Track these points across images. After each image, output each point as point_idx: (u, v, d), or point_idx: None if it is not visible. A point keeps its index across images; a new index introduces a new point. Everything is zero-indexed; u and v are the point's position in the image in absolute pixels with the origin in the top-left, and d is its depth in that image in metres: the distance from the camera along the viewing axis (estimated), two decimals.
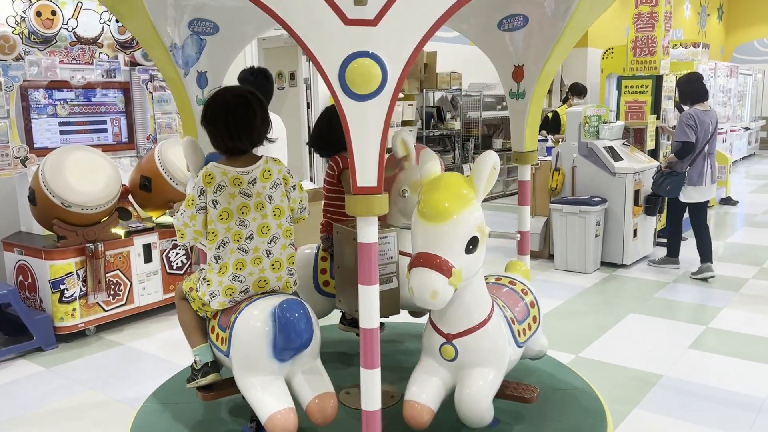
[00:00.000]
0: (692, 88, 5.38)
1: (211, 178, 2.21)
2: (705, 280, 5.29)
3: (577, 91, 7.92)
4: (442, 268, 1.89)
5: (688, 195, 5.34)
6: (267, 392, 2.09)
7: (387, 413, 1.98)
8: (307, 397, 2.14)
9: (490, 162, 1.98)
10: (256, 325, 2.11)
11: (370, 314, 1.74)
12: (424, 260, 1.90)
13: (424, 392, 2.11)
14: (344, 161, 2.72)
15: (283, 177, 2.31)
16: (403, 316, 2.65)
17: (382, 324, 2.79)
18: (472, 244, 1.96)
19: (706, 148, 5.31)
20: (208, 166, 2.26)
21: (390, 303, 2.40)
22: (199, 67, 2.79)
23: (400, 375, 2.55)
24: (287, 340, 2.06)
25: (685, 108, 5.52)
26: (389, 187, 2.63)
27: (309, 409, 2.13)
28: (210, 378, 2.28)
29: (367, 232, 1.71)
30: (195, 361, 2.33)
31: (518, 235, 2.26)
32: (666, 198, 5.67)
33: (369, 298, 1.74)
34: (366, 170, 1.67)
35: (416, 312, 2.82)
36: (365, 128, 1.63)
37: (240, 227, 2.22)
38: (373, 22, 1.55)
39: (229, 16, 2.78)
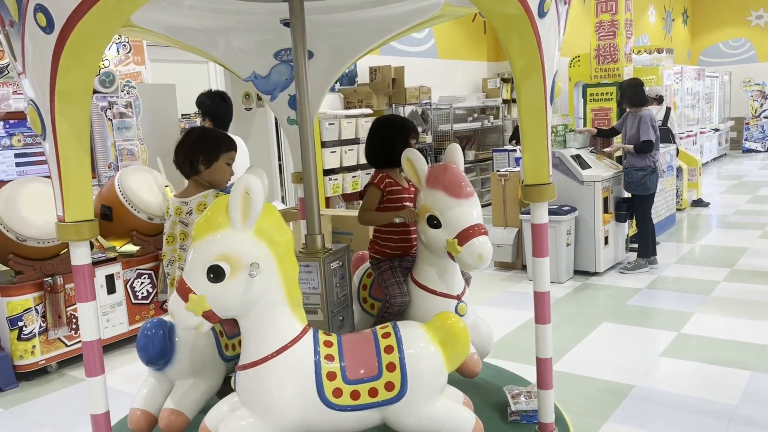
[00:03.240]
0: (635, 92, 5.70)
1: (168, 207, 2.63)
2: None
3: None
4: (180, 291, 1.83)
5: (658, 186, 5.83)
6: (141, 389, 2.44)
7: None
8: (164, 406, 2.37)
9: (239, 188, 1.80)
10: None
11: (91, 328, 1.95)
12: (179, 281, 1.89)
13: (211, 416, 2.00)
14: (376, 177, 2.72)
15: None
16: None
17: None
18: (214, 274, 1.80)
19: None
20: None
21: None
22: (291, 90, 3.07)
23: None
24: (138, 352, 2.35)
25: (630, 110, 5.77)
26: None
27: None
28: None
29: (78, 254, 1.94)
30: None
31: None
32: (631, 200, 5.87)
33: (88, 314, 1.96)
34: (55, 200, 1.90)
35: None
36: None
37: (181, 251, 2.57)
38: None
39: (322, 43, 3.02)
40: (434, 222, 2.40)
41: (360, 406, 1.96)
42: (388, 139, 2.74)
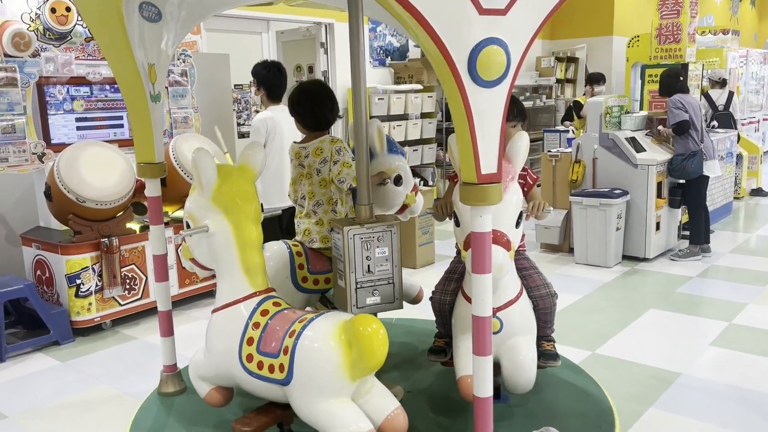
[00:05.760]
0: (668, 83, 5.63)
1: (290, 151, 2.84)
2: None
3: (594, 79, 7.73)
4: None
5: (708, 168, 5.58)
6: None
7: None
8: None
9: (192, 161, 2.19)
10: None
11: (159, 244, 2.70)
12: None
13: None
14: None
15: (331, 153, 2.67)
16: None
17: None
18: (186, 228, 2.28)
19: (703, 126, 5.63)
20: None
21: (340, 299, 2.43)
22: None
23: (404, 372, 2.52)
24: None
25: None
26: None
27: None
28: None
29: (150, 188, 2.57)
30: None
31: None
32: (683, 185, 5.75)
33: (156, 235, 2.67)
34: None
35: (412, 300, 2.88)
36: None
37: (298, 188, 2.77)
38: None
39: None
40: (456, 219, 2.20)
41: (263, 377, 2.08)
42: None
